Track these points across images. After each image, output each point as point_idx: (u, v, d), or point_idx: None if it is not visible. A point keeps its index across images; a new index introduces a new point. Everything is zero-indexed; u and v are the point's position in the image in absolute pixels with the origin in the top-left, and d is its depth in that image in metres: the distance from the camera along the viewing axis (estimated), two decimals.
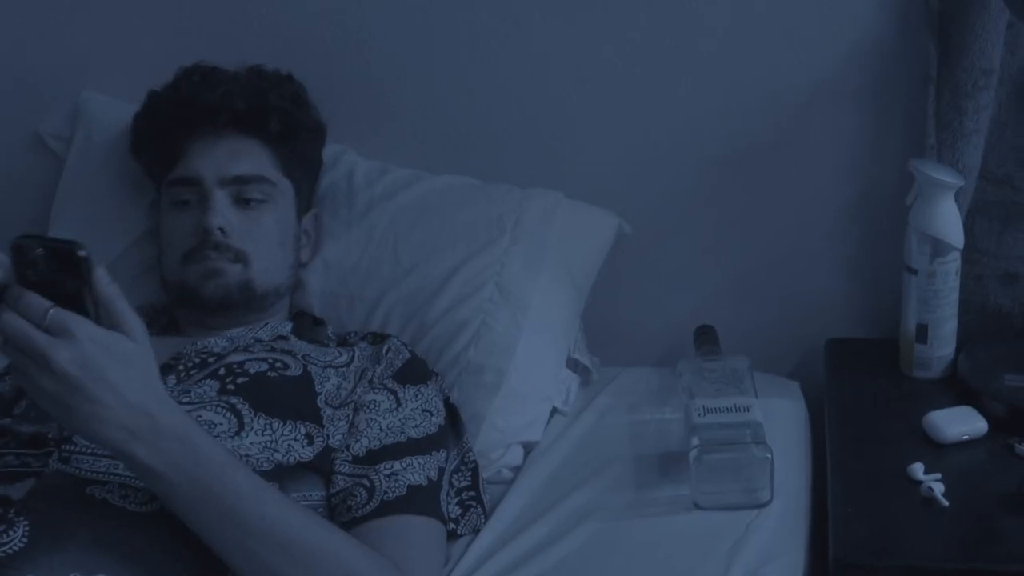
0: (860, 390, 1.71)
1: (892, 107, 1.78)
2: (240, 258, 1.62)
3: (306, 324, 1.70)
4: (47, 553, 1.23)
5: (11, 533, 1.24)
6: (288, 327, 1.64)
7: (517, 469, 1.67)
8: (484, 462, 1.64)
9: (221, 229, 1.61)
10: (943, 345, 1.70)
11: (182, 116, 1.70)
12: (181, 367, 1.50)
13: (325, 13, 1.86)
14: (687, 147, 1.85)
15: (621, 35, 1.81)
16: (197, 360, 1.51)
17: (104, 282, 1.22)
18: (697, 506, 1.51)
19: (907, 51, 1.75)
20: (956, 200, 1.66)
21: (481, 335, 1.70)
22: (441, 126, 1.89)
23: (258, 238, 1.64)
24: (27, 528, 1.25)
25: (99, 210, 1.85)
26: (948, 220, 1.65)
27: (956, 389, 1.67)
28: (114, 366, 1.21)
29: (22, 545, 1.24)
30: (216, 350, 1.54)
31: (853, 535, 1.41)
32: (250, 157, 1.68)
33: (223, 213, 1.62)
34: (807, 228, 1.86)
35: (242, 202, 1.65)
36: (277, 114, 1.71)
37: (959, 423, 1.57)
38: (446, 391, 1.63)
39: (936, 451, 1.55)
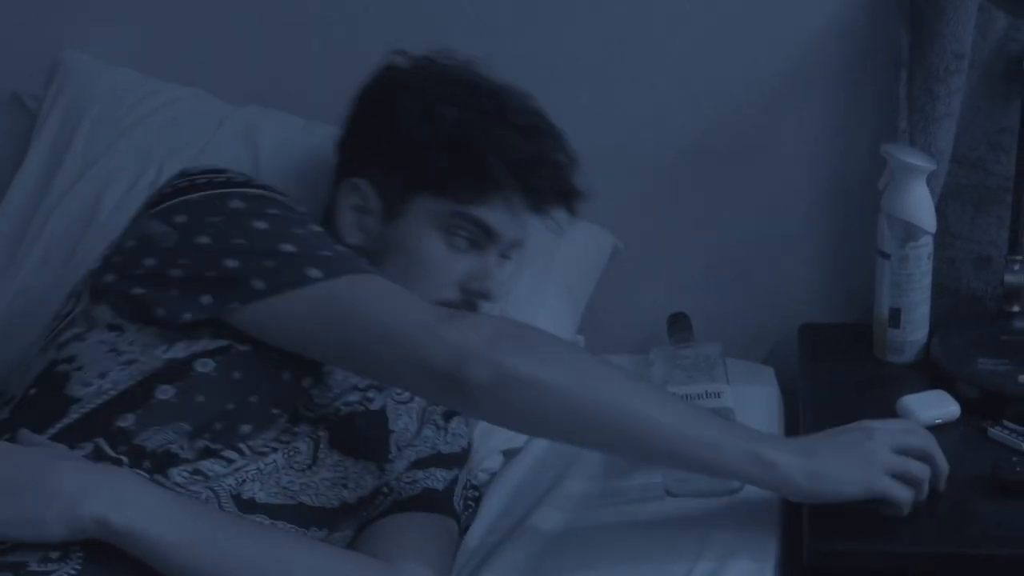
0: (834, 375, 1.71)
1: (863, 91, 1.78)
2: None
3: None
4: None
5: (63, 563, 1.18)
6: None
7: (494, 474, 1.65)
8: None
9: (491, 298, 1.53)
10: (916, 329, 1.70)
11: (533, 186, 1.54)
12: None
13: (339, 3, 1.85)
14: (658, 135, 1.85)
15: (588, 23, 1.80)
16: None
17: None
18: (668, 493, 1.50)
19: (878, 35, 1.75)
20: (929, 184, 1.65)
21: None
22: None
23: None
24: (80, 562, 1.18)
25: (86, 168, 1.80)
26: (920, 204, 1.64)
27: (929, 373, 1.66)
28: None
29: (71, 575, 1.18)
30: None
31: (828, 520, 1.40)
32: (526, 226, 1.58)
33: (498, 279, 1.53)
34: (779, 214, 1.86)
35: (501, 260, 1.56)
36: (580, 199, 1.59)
37: (932, 407, 1.56)
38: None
39: None
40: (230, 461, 1.31)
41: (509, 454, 1.68)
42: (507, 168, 1.51)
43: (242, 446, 1.32)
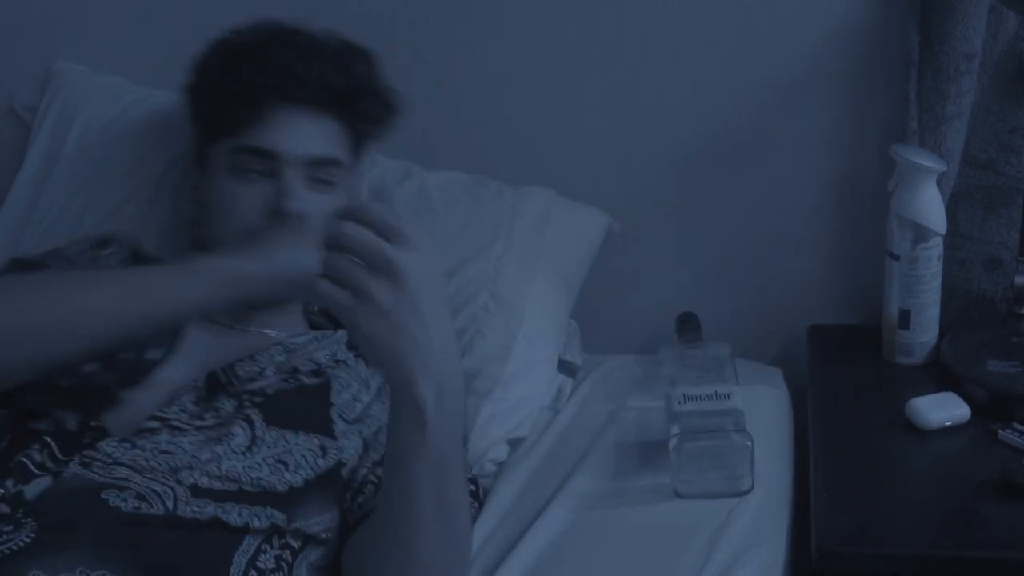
0: (842, 377, 1.70)
1: (874, 92, 1.77)
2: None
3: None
4: (51, 553, 1.21)
5: (17, 532, 1.22)
6: (343, 348, 1.55)
7: (501, 464, 1.65)
8: (469, 456, 1.62)
9: (300, 216, 1.51)
10: (925, 331, 1.69)
11: (270, 83, 1.56)
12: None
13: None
14: (668, 134, 1.84)
15: (600, 24, 1.80)
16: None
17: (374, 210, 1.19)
18: (678, 494, 1.50)
19: (889, 35, 1.74)
20: (939, 185, 1.65)
21: (475, 344, 1.68)
22: (426, 119, 1.86)
23: (323, 223, 1.55)
24: (34, 528, 1.23)
25: (74, 179, 1.81)
26: (930, 205, 1.64)
27: (939, 375, 1.66)
28: (442, 290, 1.21)
29: (26, 543, 1.21)
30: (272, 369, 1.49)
31: (836, 523, 1.41)
32: (332, 139, 1.57)
33: (303, 198, 1.52)
34: (789, 214, 1.85)
35: (315, 183, 1.55)
36: (373, 99, 1.61)
37: (942, 409, 1.56)
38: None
39: (919, 437, 1.54)
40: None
41: (514, 443, 1.68)
42: (260, 81, 1.55)
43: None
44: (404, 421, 1.21)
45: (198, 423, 1.40)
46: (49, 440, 1.35)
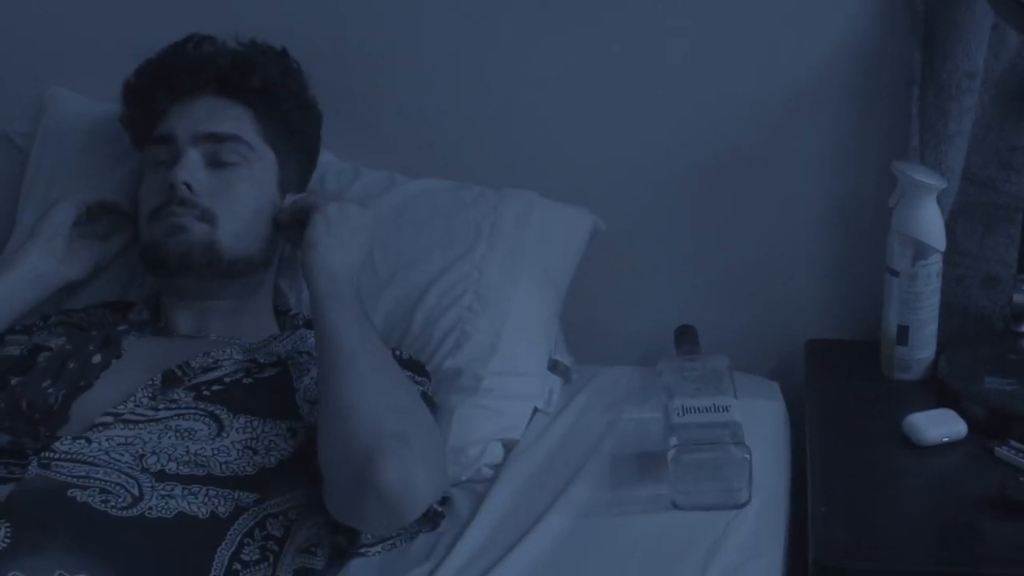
0: (840, 391, 1.71)
1: (875, 108, 1.78)
2: (206, 217, 1.58)
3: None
4: (29, 553, 1.22)
5: None
6: (306, 342, 1.60)
7: (498, 467, 1.65)
8: (463, 460, 1.63)
9: (188, 185, 1.58)
10: (923, 347, 1.70)
11: (166, 78, 1.68)
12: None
13: (298, 14, 1.84)
14: (669, 147, 1.85)
15: (600, 38, 1.80)
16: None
17: None
18: (675, 506, 1.50)
19: (891, 52, 1.75)
20: (939, 202, 1.65)
21: (461, 344, 1.69)
22: (415, 128, 1.88)
23: (229, 200, 1.60)
24: (9, 530, 1.24)
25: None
26: (931, 222, 1.65)
27: (936, 391, 1.66)
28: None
29: (4, 546, 1.23)
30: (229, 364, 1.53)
31: (832, 537, 1.41)
32: (228, 117, 1.64)
33: (190, 169, 1.59)
34: (789, 229, 1.86)
35: (217, 164, 1.61)
36: (259, 74, 1.67)
37: (939, 425, 1.57)
38: (430, 390, 1.61)
39: (916, 453, 1.55)
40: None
41: (509, 445, 1.68)
42: (160, 82, 1.69)
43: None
44: (315, 283, 1.49)
45: (152, 414, 1.42)
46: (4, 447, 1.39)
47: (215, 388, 1.46)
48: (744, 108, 1.81)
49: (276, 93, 1.68)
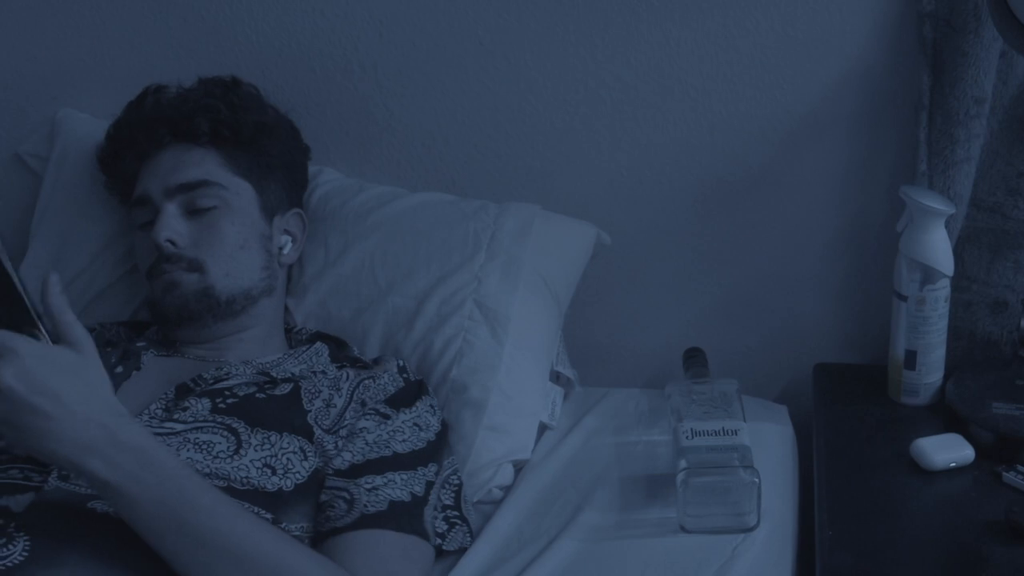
0: (848, 416, 1.71)
1: (884, 134, 1.79)
2: (194, 266, 1.61)
3: (336, 350, 1.68)
4: (47, 566, 1.23)
5: (11, 547, 1.25)
6: (326, 359, 1.62)
7: (507, 488, 1.66)
8: (475, 483, 1.63)
9: (171, 241, 1.61)
10: (931, 372, 1.70)
11: (128, 140, 1.72)
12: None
13: (305, 32, 1.86)
14: (679, 169, 1.85)
15: (614, 63, 1.81)
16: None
17: (53, 292, 1.24)
18: (684, 529, 1.51)
19: (899, 78, 1.75)
20: (947, 228, 1.66)
21: (463, 353, 1.69)
22: (422, 145, 1.88)
23: (213, 243, 1.62)
24: (27, 542, 1.25)
25: (76, 225, 1.85)
26: (938, 247, 1.65)
27: (944, 416, 1.67)
28: (59, 378, 1.21)
29: (22, 559, 1.24)
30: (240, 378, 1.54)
31: (839, 562, 1.41)
32: (192, 163, 1.66)
33: (170, 225, 1.61)
34: (798, 253, 1.86)
35: (195, 211, 1.63)
36: (206, 116, 1.68)
37: (946, 450, 1.57)
38: (439, 410, 1.62)
39: (923, 478, 1.55)
40: None
41: (517, 465, 1.69)
42: (127, 143, 1.72)
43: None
44: (105, 496, 1.27)
45: (170, 427, 1.43)
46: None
47: (230, 401, 1.47)
48: (754, 130, 1.82)
49: (231, 127, 1.69)
